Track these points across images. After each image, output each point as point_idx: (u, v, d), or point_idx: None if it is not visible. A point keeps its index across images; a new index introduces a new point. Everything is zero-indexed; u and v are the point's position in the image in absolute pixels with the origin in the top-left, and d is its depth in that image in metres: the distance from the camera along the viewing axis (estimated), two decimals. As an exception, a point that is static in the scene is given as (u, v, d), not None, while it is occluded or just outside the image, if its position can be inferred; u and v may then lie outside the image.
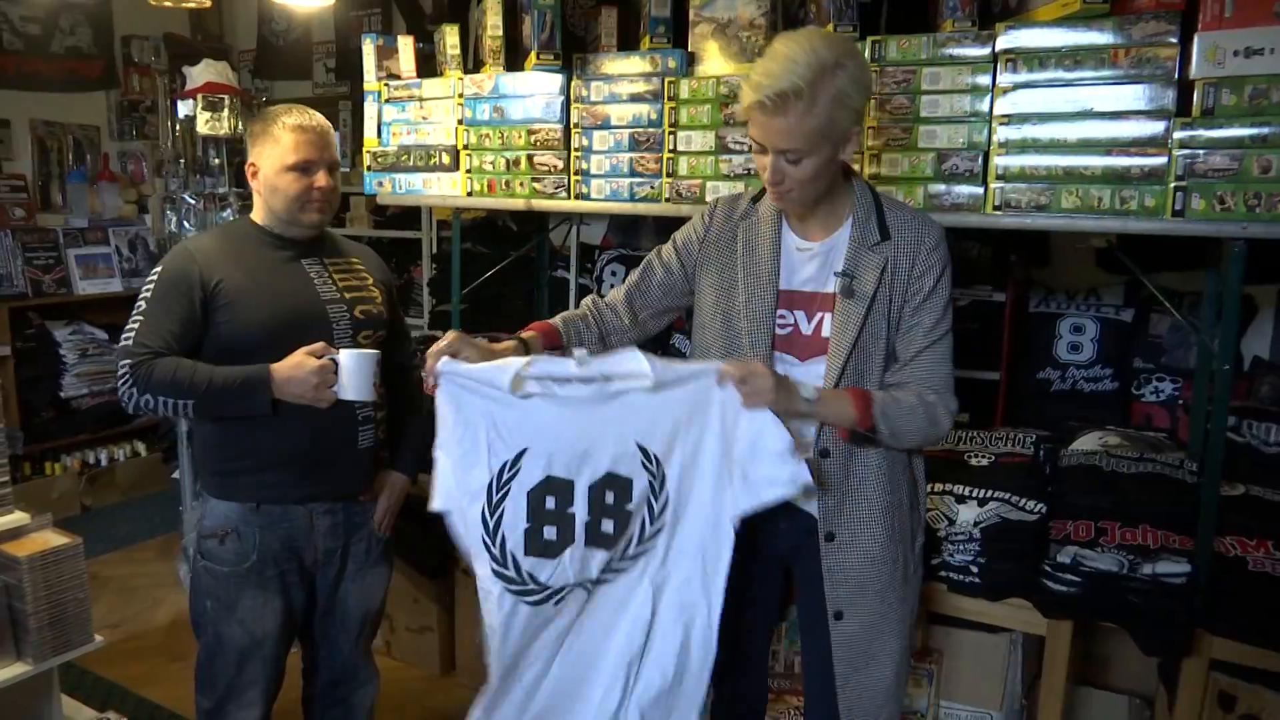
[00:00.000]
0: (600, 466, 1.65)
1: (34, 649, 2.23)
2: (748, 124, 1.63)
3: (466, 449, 1.63)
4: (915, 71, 2.04)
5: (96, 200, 5.09)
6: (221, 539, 1.99)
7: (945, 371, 1.70)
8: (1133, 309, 2.72)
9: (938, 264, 1.68)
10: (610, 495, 1.66)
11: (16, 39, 4.79)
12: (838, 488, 1.73)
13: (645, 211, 2.48)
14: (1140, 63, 1.82)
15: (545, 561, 1.66)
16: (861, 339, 1.68)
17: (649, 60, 2.42)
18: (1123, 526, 2.03)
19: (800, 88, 1.52)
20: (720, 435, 1.63)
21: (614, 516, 1.67)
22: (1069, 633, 2.08)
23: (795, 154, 1.58)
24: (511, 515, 1.65)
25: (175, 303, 1.91)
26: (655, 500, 1.67)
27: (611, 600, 1.70)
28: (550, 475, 1.64)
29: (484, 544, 1.65)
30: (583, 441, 1.64)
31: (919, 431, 1.67)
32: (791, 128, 1.55)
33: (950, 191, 2.04)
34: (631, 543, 1.69)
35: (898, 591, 1.78)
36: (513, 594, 1.66)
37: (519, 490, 1.64)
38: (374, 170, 2.97)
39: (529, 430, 1.63)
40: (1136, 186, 1.86)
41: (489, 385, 1.60)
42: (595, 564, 1.68)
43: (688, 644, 1.70)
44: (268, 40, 5.46)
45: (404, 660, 3.28)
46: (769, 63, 1.55)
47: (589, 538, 1.67)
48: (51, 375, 4.58)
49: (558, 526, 1.66)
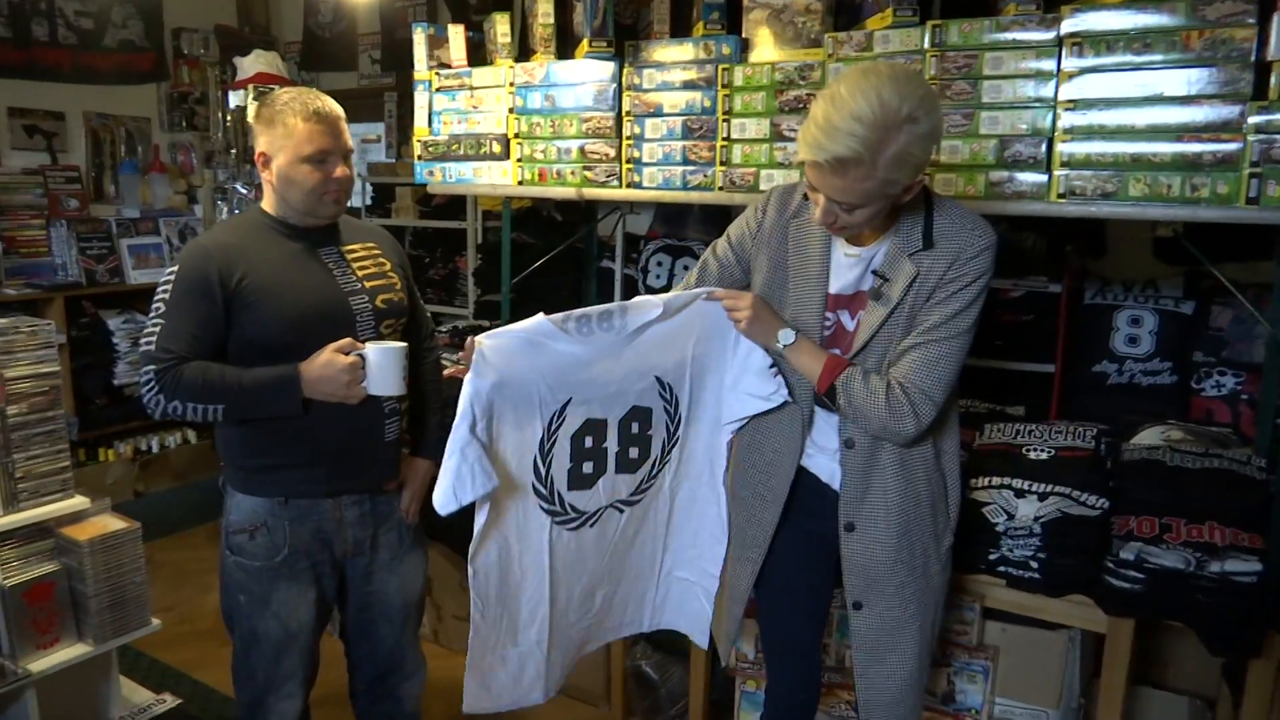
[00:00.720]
0: (628, 402, 1.86)
1: (94, 631, 2.28)
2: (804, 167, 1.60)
3: (520, 410, 1.78)
4: (977, 56, 2.00)
5: (147, 191, 5.17)
6: (251, 534, 1.97)
7: (932, 376, 1.64)
8: (1193, 301, 2.65)
9: (970, 273, 1.63)
10: (635, 425, 1.89)
11: (71, 33, 4.86)
12: (860, 479, 1.76)
13: (698, 200, 2.46)
14: (1215, 44, 1.77)
15: (583, 492, 1.88)
16: (875, 340, 1.69)
17: (702, 47, 2.39)
18: (1189, 523, 1.98)
19: (860, 154, 1.48)
20: (721, 350, 1.87)
21: (638, 444, 1.90)
22: (1130, 631, 2.03)
23: (850, 205, 1.56)
24: (559, 459, 1.84)
25: (195, 303, 1.86)
26: (671, 423, 1.92)
27: (639, 516, 1.98)
28: (589, 418, 1.84)
29: (533, 489, 1.84)
30: (612, 384, 1.83)
31: (876, 419, 1.67)
32: (848, 187, 1.53)
33: (1012, 179, 2.00)
34: (655, 464, 1.94)
35: (916, 589, 1.79)
36: (557, 523, 1.88)
37: (564, 436, 1.83)
38: (425, 159, 2.97)
39: (572, 382, 1.80)
40: (1208, 173, 1.81)
41: (532, 333, 1.72)
42: (624, 487, 1.92)
43: (702, 529, 2.02)
44: (313, 32, 5.49)
45: (451, 647, 3.30)
46: (831, 113, 1.49)
47: (618, 465, 1.90)
48: (105, 363, 4.65)
49: (594, 461, 1.88)
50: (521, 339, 1.72)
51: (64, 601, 2.26)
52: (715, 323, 1.85)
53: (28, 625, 2.19)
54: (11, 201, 4.52)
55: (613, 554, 1.98)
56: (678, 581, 2.07)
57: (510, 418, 1.77)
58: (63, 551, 2.28)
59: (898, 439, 1.70)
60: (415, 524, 2.17)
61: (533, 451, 1.81)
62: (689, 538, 2.03)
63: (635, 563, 2.03)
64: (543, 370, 1.76)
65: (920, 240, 1.65)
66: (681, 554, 2.05)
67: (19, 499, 2.20)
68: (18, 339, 2.19)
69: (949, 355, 1.65)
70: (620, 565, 2.01)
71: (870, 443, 1.75)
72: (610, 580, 2.01)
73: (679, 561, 2.06)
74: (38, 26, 4.71)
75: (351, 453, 1.99)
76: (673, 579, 2.07)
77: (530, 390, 1.77)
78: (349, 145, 1.98)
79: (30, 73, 4.70)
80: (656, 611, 2.11)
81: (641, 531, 2.00)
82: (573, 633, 2.01)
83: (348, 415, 1.94)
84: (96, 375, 4.64)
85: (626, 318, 1.79)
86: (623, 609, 2.08)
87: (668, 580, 2.07)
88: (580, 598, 1.98)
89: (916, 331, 1.66)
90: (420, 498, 2.17)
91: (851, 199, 1.55)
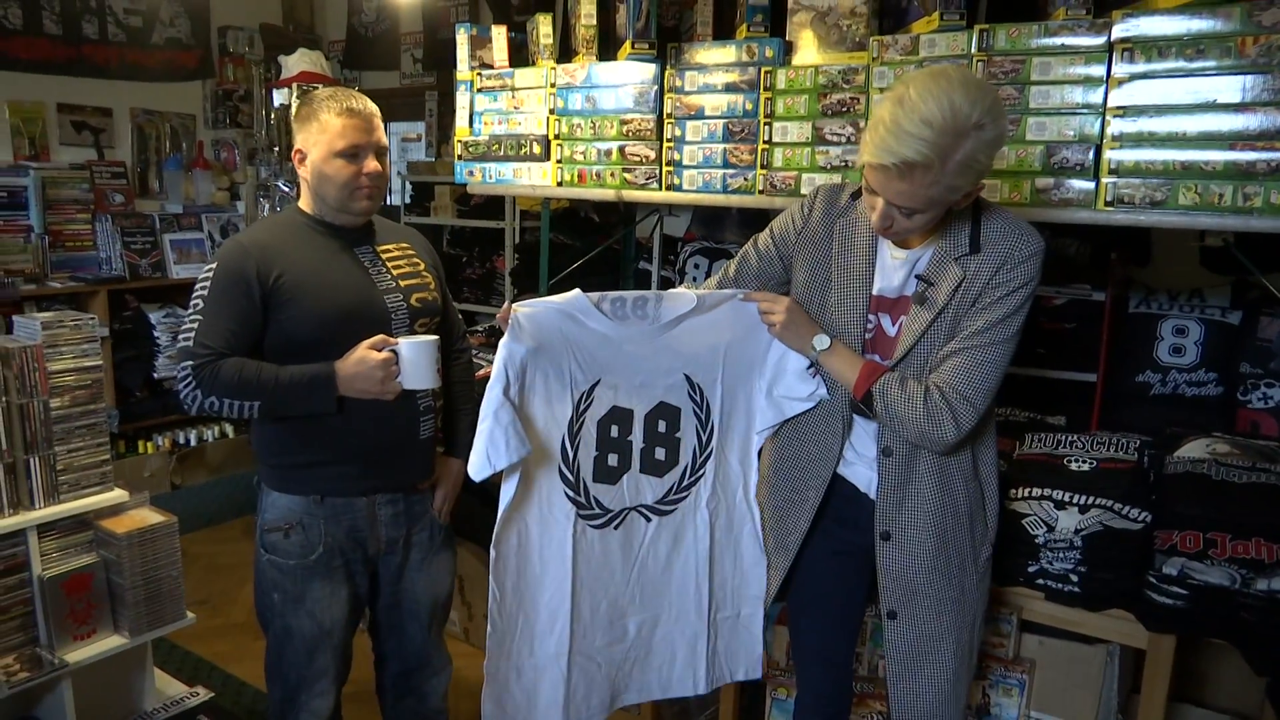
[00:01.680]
0: (655, 395, 1.85)
1: (130, 623, 2.31)
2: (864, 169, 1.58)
3: (552, 382, 1.80)
4: (1024, 61, 1.97)
5: (191, 187, 5.24)
6: (286, 532, 1.98)
7: (973, 381, 1.61)
8: (1240, 311, 2.60)
9: (1017, 279, 1.61)
10: (662, 424, 1.87)
11: (120, 31, 4.94)
12: (897, 487, 1.75)
13: (738, 204, 2.45)
14: (1270, 51, 1.73)
15: (608, 487, 1.87)
16: (919, 345, 1.67)
17: (745, 49, 2.38)
18: (1234, 539, 1.93)
19: (929, 159, 1.46)
20: (753, 355, 1.86)
21: (665, 444, 1.88)
22: (1171, 647, 1.99)
23: (909, 211, 1.55)
24: (585, 444, 1.84)
25: (234, 301, 1.87)
26: (703, 429, 1.89)
27: (670, 533, 1.92)
28: (615, 405, 1.84)
29: (560, 473, 1.84)
30: (640, 374, 1.83)
31: (913, 425, 1.64)
32: (913, 192, 1.51)
33: (1059, 186, 1.97)
34: (686, 472, 1.90)
35: (952, 600, 1.77)
36: (582, 518, 1.87)
37: (591, 421, 1.83)
38: (465, 159, 2.98)
39: (602, 362, 1.81)
40: (1262, 182, 1.77)
41: (568, 305, 1.76)
42: (649, 490, 1.89)
43: (740, 553, 1.97)
44: (357, 31, 5.55)
45: (482, 646, 3.29)
46: (900, 116, 1.47)
47: (643, 464, 1.88)
48: (146, 356, 4.72)
49: (619, 454, 1.86)
50: (556, 310, 1.76)
51: (101, 593, 2.29)
52: (749, 325, 1.84)
53: (65, 616, 2.23)
54: (59, 196, 4.60)
55: (641, 571, 1.93)
56: (725, 622, 2.00)
57: (541, 389, 1.79)
58: (101, 544, 2.31)
59: (936, 446, 1.67)
60: (447, 524, 2.18)
61: (561, 431, 1.82)
62: (729, 568, 1.98)
63: (677, 600, 1.96)
64: (575, 344, 1.78)
65: (967, 245, 1.64)
66: (723, 589, 1.99)
67: (59, 491, 2.24)
68: (62, 333, 2.23)
69: (992, 361, 1.62)
70: (655, 593, 1.95)
71: (908, 451, 1.73)
72: (644, 607, 1.95)
73: (723, 600, 1.99)
74: (87, 24, 4.80)
75: (386, 451, 2.00)
76: (721, 622, 2.00)
77: (562, 363, 1.79)
78: (383, 142, 1.99)
79: (80, 69, 4.80)
80: (710, 665, 2.01)
81: (676, 559, 1.94)
82: (600, 659, 1.95)
83: (382, 413, 1.94)
84: (137, 368, 4.71)
85: (661, 307, 1.80)
86: (669, 655, 1.99)
87: (716, 625, 2.00)
88: (607, 616, 1.93)
89: (960, 336, 1.64)
90: (453, 497, 2.18)
91: (914, 204, 1.53)
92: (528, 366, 1.76)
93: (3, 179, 4.41)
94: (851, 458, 1.82)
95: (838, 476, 1.83)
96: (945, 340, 1.66)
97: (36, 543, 2.20)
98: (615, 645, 1.95)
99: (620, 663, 1.97)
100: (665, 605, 1.96)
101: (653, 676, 2.00)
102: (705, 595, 1.96)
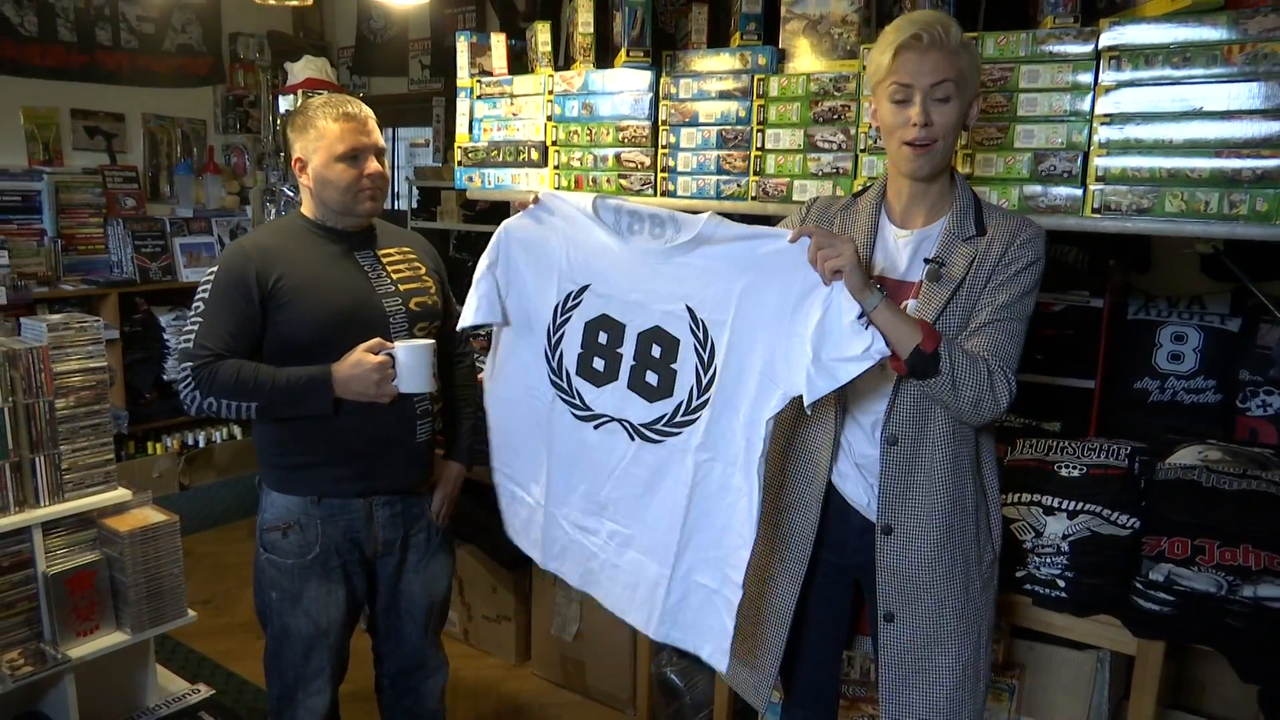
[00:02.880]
0: (650, 318, 1.81)
1: (132, 620, 2.34)
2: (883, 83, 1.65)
3: (541, 272, 1.91)
4: (1013, 69, 1.98)
5: (201, 191, 5.30)
6: (284, 532, 2.01)
7: (1011, 350, 1.63)
8: (1239, 318, 2.60)
9: (1029, 253, 1.65)
10: (657, 349, 1.81)
11: (133, 37, 5.00)
12: (902, 478, 1.70)
13: (731, 209, 2.46)
14: (1256, 59, 1.74)
15: (591, 386, 1.90)
16: (941, 321, 1.64)
17: (739, 57, 2.40)
18: (1222, 545, 1.94)
19: (950, 27, 1.60)
20: (779, 311, 1.64)
21: (658, 371, 1.82)
22: (1160, 654, 1.99)
23: (946, 90, 1.60)
24: (570, 338, 1.90)
25: (233, 303, 1.90)
26: (703, 371, 1.76)
27: (652, 461, 1.85)
28: (605, 314, 1.86)
29: (545, 355, 1.94)
30: (636, 293, 1.81)
31: (977, 389, 1.57)
32: (946, 60, 1.60)
33: (1047, 193, 1.98)
34: (680, 410, 1.80)
35: (955, 603, 1.72)
36: (563, 402, 1.94)
37: (579, 319, 1.89)
38: (465, 165, 3.01)
39: (594, 270, 1.85)
40: (1248, 190, 1.78)
41: (576, 205, 1.85)
42: (636, 411, 1.85)
43: (729, 526, 1.74)
44: (366, 37, 5.59)
45: (480, 648, 3.33)
46: (911, 15, 1.65)
47: (631, 380, 1.85)
48: (155, 359, 4.78)
49: (605, 360, 1.88)
50: (575, 206, 1.86)
51: (104, 590, 2.33)
52: (772, 271, 1.64)
53: (69, 612, 2.26)
54: (72, 200, 4.67)
55: (620, 484, 1.88)
56: (698, 588, 1.81)
57: (530, 273, 1.92)
58: (104, 542, 2.34)
59: (990, 414, 1.61)
60: (445, 526, 2.20)
61: (546, 320, 1.93)
62: (714, 534, 1.77)
63: (649, 529, 1.86)
64: (573, 243, 1.87)
65: (974, 227, 1.68)
66: (704, 553, 1.79)
67: (64, 490, 2.27)
68: (68, 335, 2.26)
69: (1019, 334, 1.65)
70: (630, 513, 1.88)
71: (915, 439, 1.68)
72: (617, 517, 1.90)
73: (700, 562, 1.80)
74: (101, 31, 4.86)
75: (383, 453, 2.02)
76: (692, 583, 1.81)
77: (552, 257, 1.89)
78: (380, 143, 2.02)
79: (93, 75, 4.86)
80: (667, 617, 1.85)
81: (653, 494, 1.84)
82: (574, 534, 1.97)
83: (379, 416, 1.97)
84: (147, 370, 4.77)
85: (680, 231, 1.73)
86: (633, 580, 1.89)
87: (685, 582, 1.82)
88: (582, 503, 1.95)
89: (989, 310, 1.64)
90: (451, 500, 2.20)
91: (949, 74, 1.59)
92: (514, 251, 1.92)
93: (17, 183, 4.48)
94: (845, 467, 1.77)
95: (830, 489, 1.78)
96: (963, 318, 1.66)
97: (41, 540, 2.24)
98: (587, 534, 1.96)
99: (591, 555, 1.96)
100: (639, 530, 1.88)
101: (616, 591, 1.94)
102: (673, 545, 1.82)
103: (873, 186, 1.82)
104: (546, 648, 3.15)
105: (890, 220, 1.75)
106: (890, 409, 1.69)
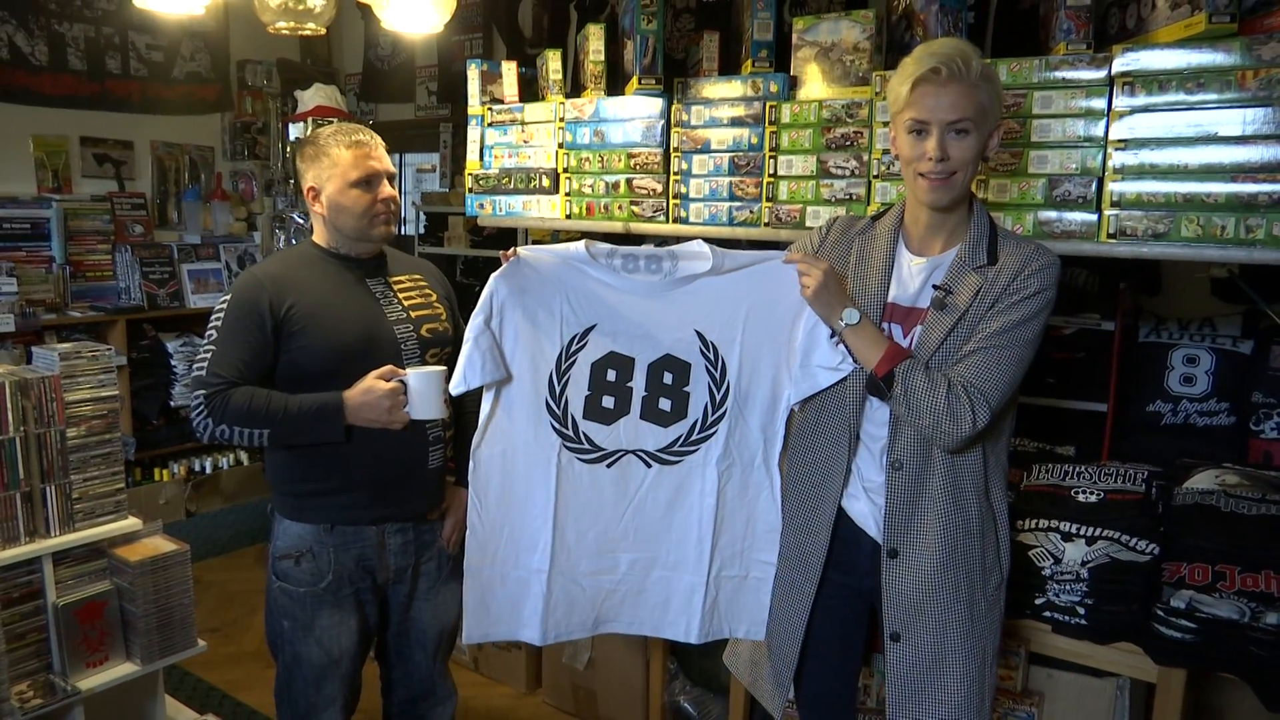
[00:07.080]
0: (659, 348, 1.87)
1: (142, 650, 2.32)
2: (900, 115, 1.67)
3: (542, 320, 1.88)
4: (1026, 95, 1.99)
5: (209, 218, 5.32)
6: (296, 560, 2.01)
7: (994, 377, 1.64)
8: (1251, 340, 2.59)
9: (1035, 283, 1.65)
10: (669, 376, 1.88)
11: (142, 65, 5.04)
12: (907, 502, 1.73)
13: (744, 236, 2.47)
14: (1271, 84, 1.74)
15: (601, 426, 1.91)
16: (943, 349, 1.68)
17: (750, 84, 2.41)
18: (1243, 571, 1.93)
19: (970, 60, 1.61)
20: (780, 324, 1.83)
21: (671, 396, 1.89)
22: (1182, 681, 1.97)
23: (964, 125, 1.61)
24: (576, 382, 1.90)
25: (246, 331, 1.91)
26: (716, 388, 1.88)
27: (672, 482, 1.93)
28: (613, 350, 1.88)
29: (547, 406, 1.91)
30: (644, 325, 1.86)
31: (932, 415, 1.63)
32: (965, 95, 1.60)
33: (1061, 218, 1.98)
34: (695, 428, 1.90)
35: (960, 622, 1.74)
36: (569, 450, 1.92)
37: (584, 361, 1.89)
38: (475, 192, 3.02)
39: (599, 308, 1.87)
40: (1264, 214, 1.77)
41: (566, 254, 1.85)
42: (650, 438, 1.91)
43: (754, 517, 1.94)
44: (373, 64, 5.63)
45: (491, 676, 3.31)
46: (931, 46, 1.64)
47: (644, 411, 1.90)
48: (163, 385, 4.78)
49: (616, 397, 1.90)
50: (560, 257, 1.86)
51: (114, 621, 2.31)
52: (774, 290, 1.82)
53: (78, 643, 2.24)
54: (81, 227, 4.69)
55: (638, 512, 1.94)
56: (728, 581, 1.97)
57: (528, 324, 1.88)
58: (114, 571, 2.33)
59: (950, 440, 1.65)
60: (455, 554, 2.18)
61: (549, 366, 1.89)
62: (739, 529, 1.94)
63: (676, 549, 1.95)
64: (569, 288, 1.86)
65: (985, 256, 1.68)
66: (730, 549, 1.95)
67: (75, 519, 2.26)
68: (79, 364, 2.26)
69: (1009, 362, 1.64)
70: (651, 536, 1.95)
71: (920, 464, 1.71)
72: (638, 546, 1.96)
73: (729, 559, 1.95)
74: (111, 60, 4.90)
75: (395, 480, 2.02)
76: (723, 579, 1.96)
77: (552, 304, 1.87)
78: (391, 168, 2.05)
79: (103, 104, 4.90)
80: (707, 618, 1.97)
81: (677, 510, 1.94)
82: (584, 584, 1.97)
83: (391, 443, 1.97)
84: (154, 397, 4.77)
85: (678, 264, 1.84)
86: (663, 597, 1.98)
87: (718, 582, 1.96)
88: (595, 545, 1.95)
89: (978, 337, 1.66)
90: (462, 527, 2.18)
91: (967, 110, 1.60)
92: (510, 303, 1.87)
93: (26, 211, 4.50)
94: (855, 491, 1.80)
95: (841, 513, 1.81)
96: (963, 346, 1.68)
97: (51, 570, 2.22)
98: (603, 575, 1.98)
99: (609, 592, 1.99)
100: (663, 550, 1.96)
101: (645, 614, 2.00)
102: (706, 552, 1.94)
103: (891, 210, 1.83)
104: (558, 676, 3.13)
105: (907, 247, 1.77)
106: (893, 434, 1.73)
